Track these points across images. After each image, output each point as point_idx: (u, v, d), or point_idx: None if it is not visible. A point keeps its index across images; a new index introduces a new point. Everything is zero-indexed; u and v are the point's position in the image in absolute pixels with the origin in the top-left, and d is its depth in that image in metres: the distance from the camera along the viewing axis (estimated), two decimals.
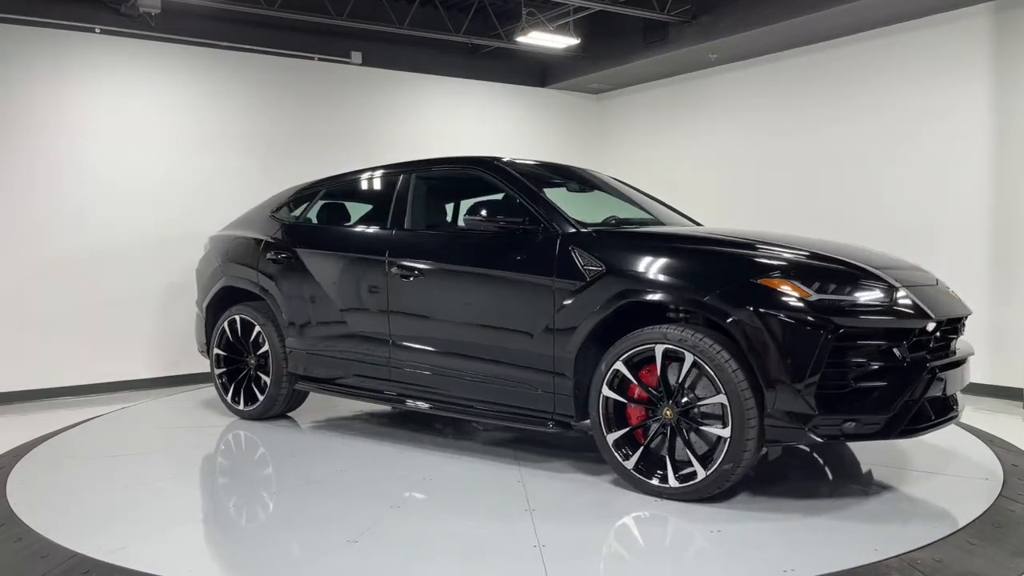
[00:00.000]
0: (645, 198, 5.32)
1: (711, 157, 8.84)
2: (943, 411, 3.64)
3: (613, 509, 3.68)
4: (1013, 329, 6.30)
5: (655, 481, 3.69)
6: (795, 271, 3.50)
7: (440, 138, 8.79)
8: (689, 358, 3.55)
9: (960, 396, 3.82)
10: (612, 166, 9.61)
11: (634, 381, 3.75)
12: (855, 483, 3.97)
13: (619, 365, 3.76)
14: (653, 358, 3.68)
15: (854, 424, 3.35)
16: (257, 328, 5.34)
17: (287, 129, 8.03)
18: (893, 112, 7.09)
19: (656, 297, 3.70)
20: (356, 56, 8.52)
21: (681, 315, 3.81)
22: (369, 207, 5.57)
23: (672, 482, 3.63)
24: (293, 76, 8.12)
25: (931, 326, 3.52)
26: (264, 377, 5.33)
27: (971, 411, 5.82)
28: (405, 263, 4.61)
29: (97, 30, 7.08)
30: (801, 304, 3.38)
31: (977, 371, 6.32)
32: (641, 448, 3.74)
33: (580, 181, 5.18)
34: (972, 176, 6.54)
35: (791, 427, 3.37)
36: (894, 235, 6.79)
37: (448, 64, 9.12)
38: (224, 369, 5.58)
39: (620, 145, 10.04)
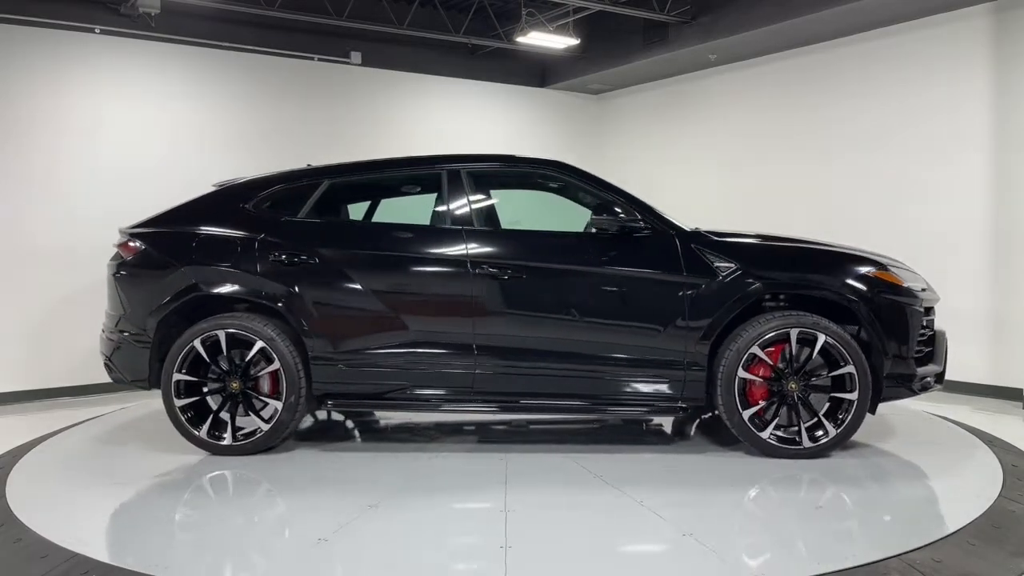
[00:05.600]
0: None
1: (710, 157, 8.84)
2: None
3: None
4: (1013, 330, 6.31)
5: (792, 445, 4.26)
6: (890, 267, 4.42)
7: (440, 138, 8.79)
8: (822, 338, 4.20)
9: None
10: (611, 166, 9.64)
11: (767, 361, 4.27)
12: (854, 483, 3.97)
13: (755, 349, 4.25)
14: (776, 341, 4.26)
15: (929, 380, 4.39)
16: (259, 343, 4.48)
17: (287, 129, 8.03)
18: (893, 112, 7.09)
19: (792, 288, 4.37)
20: (356, 56, 8.53)
21: (781, 304, 4.44)
22: (396, 203, 5.35)
23: (806, 443, 4.26)
24: (293, 76, 8.12)
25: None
26: (272, 402, 4.54)
27: (971, 411, 5.84)
28: (499, 263, 4.42)
29: (97, 30, 7.09)
30: (903, 290, 4.34)
31: (977, 371, 6.38)
32: (775, 420, 4.28)
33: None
34: (972, 177, 6.53)
35: (902, 387, 4.31)
36: (893, 235, 6.80)
37: (448, 64, 9.13)
38: (190, 400, 4.58)
39: (620, 145, 10.05)
